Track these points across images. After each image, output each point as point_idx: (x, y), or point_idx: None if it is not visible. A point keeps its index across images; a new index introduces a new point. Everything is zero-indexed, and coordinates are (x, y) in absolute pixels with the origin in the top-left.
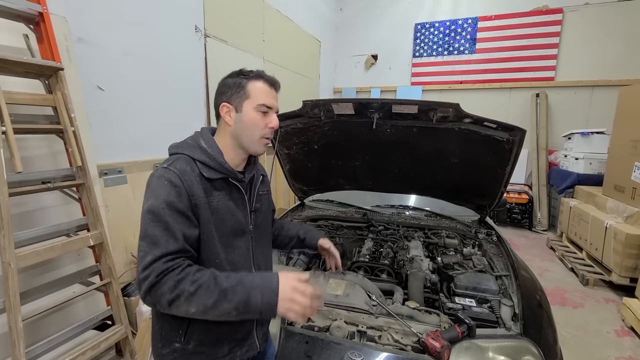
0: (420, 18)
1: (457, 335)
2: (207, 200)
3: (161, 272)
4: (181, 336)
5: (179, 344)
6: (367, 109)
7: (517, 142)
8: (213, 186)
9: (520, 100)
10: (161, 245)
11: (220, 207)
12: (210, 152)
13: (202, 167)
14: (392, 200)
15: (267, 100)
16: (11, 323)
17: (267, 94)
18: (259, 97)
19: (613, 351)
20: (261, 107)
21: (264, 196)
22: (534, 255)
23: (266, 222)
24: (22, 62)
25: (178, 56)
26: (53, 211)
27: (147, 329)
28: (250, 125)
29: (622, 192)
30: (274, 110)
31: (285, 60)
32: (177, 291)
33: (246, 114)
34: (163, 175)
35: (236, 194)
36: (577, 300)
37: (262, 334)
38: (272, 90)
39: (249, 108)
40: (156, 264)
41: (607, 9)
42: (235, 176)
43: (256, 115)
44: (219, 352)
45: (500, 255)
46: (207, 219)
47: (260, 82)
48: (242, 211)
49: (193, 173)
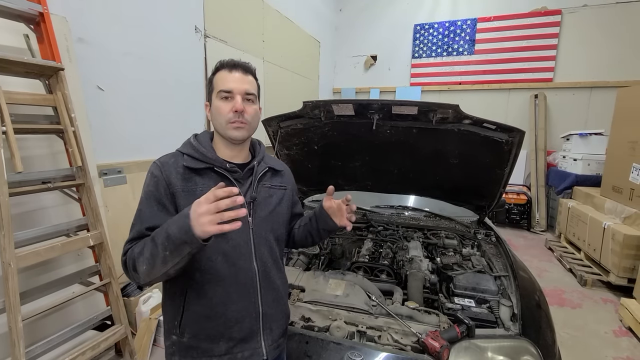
0: (419, 19)
1: (457, 335)
2: (187, 188)
3: (126, 252)
4: (176, 328)
5: (175, 337)
6: (367, 110)
7: (516, 143)
8: (198, 175)
9: (519, 101)
10: (132, 231)
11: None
12: (195, 145)
13: (187, 159)
14: (391, 201)
15: (224, 86)
16: (11, 323)
17: (225, 79)
18: (218, 85)
19: (611, 351)
20: (221, 94)
21: (273, 189)
22: (532, 255)
23: (275, 217)
24: (23, 62)
25: (178, 56)
26: (53, 211)
27: (146, 329)
28: (216, 114)
29: (620, 193)
30: (236, 92)
31: (285, 61)
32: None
33: (214, 105)
34: (149, 168)
35: (227, 184)
36: (576, 301)
37: (271, 341)
38: (234, 73)
39: (215, 98)
40: (127, 246)
41: (605, 11)
42: (221, 165)
43: (219, 103)
44: (215, 350)
45: (499, 256)
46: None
47: (221, 71)
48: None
49: (175, 165)
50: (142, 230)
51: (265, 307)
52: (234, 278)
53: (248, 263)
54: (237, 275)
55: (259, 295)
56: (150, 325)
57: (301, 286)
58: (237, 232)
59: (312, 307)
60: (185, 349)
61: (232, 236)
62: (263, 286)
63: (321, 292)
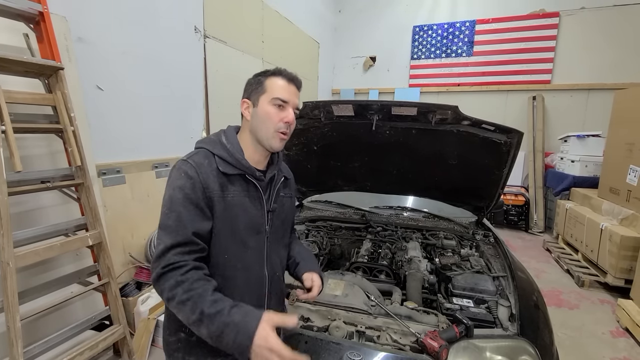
0: (418, 20)
1: (455, 335)
2: (222, 194)
3: (168, 265)
4: (186, 326)
5: (184, 334)
6: (367, 111)
7: (515, 145)
8: (229, 181)
9: (517, 102)
10: (172, 235)
11: (235, 202)
12: (229, 148)
13: (219, 161)
14: (390, 202)
15: (281, 94)
16: (9, 323)
17: (283, 88)
18: (275, 91)
19: (608, 352)
20: (276, 101)
21: (285, 198)
22: (530, 256)
23: (284, 225)
24: (22, 61)
25: (177, 56)
26: (52, 211)
27: (145, 330)
28: (264, 118)
29: (617, 195)
30: (290, 105)
31: (284, 62)
32: (173, 293)
33: (261, 108)
34: (181, 167)
35: (253, 191)
36: (573, 302)
37: None
38: (291, 86)
39: (264, 102)
40: (167, 255)
41: (603, 13)
42: (252, 173)
43: (271, 109)
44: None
45: (497, 257)
46: (220, 213)
47: (278, 78)
48: (258, 210)
49: (210, 167)
50: (188, 235)
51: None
52: (246, 283)
53: (260, 269)
54: (249, 280)
55: (266, 299)
56: (148, 325)
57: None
58: (256, 240)
59: (311, 307)
60: (191, 346)
61: (250, 244)
62: (271, 291)
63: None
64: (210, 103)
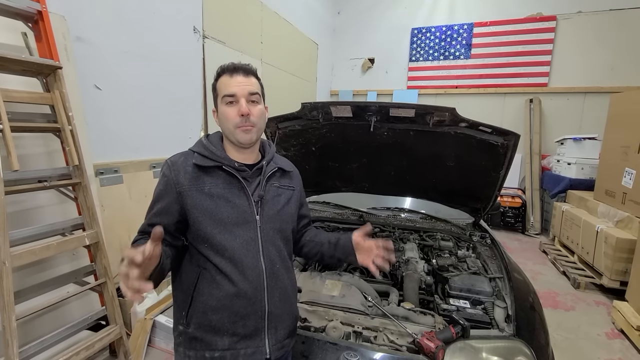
0: (416, 23)
1: (452, 336)
2: (195, 187)
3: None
4: (184, 318)
5: (182, 327)
6: (365, 112)
7: (512, 147)
8: (206, 173)
9: (514, 105)
10: (142, 225)
11: (214, 193)
12: (205, 144)
13: (197, 156)
14: (388, 203)
15: (227, 90)
16: (5, 322)
17: (227, 84)
18: (221, 90)
19: (603, 353)
20: (225, 99)
21: (282, 189)
22: (526, 258)
23: (283, 216)
24: (21, 60)
25: (176, 57)
26: (49, 210)
27: (141, 330)
28: (223, 119)
29: (612, 197)
30: (239, 96)
31: (283, 63)
32: None
33: (220, 111)
34: (162, 167)
35: (235, 182)
36: (569, 303)
37: (275, 341)
38: (235, 77)
39: (220, 104)
40: (135, 238)
41: (599, 17)
42: (230, 164)
43: (225, 108)
44: (218, 343)
45: (494, 258)
46: (193, 204)
47: (223, 76)
48: (242, 199)
49: (185, 163)
50: (145, 227)
51: (272, 307)
52: (241, 275)
53: (255, 261)
54: (244, 272)
55: (266, 294)
56: (145, 325)
57: (298, 287)
58: (244, 229)
59: (308, 307)
60: (189, 339)
61: (239, 233)
62: (270, 285)
63: (317, 293)
64: (209, 103)
